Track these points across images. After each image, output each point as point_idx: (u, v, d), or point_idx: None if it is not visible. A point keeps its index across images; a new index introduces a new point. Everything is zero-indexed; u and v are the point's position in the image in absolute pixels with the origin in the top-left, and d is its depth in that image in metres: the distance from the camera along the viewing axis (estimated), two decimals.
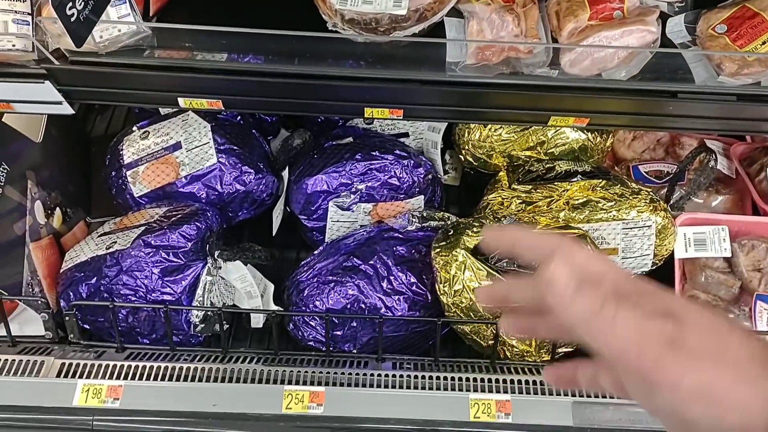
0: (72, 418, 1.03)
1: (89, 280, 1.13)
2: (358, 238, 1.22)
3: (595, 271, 0.45)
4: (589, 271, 0.45)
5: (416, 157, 1.30)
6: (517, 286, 0.53)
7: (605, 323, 0.42)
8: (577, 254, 0.46)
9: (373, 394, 1.06)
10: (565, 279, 0.44)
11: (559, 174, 1.27)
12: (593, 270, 0.45)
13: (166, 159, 1.28)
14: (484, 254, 1.08)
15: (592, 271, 0.45)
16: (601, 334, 0.42)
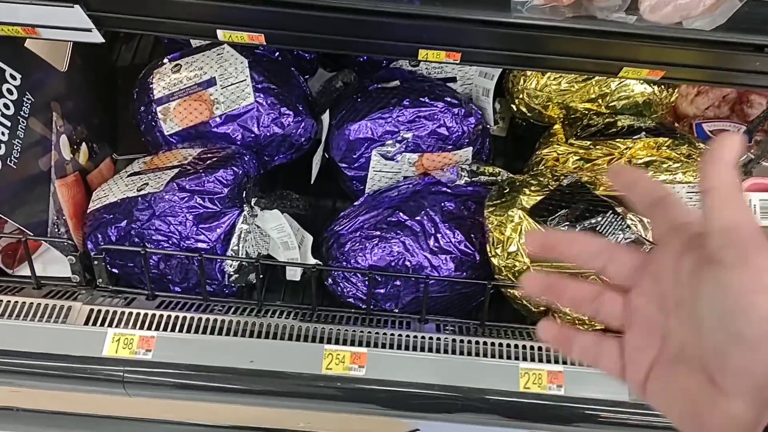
0: (102, 368, 0.98)
1: (119, 223, 1.07)
2: (402, 191, 1.14)
3: None
4: None
5: (467, 106, 1.21)
6: (579, 240, 0.52)
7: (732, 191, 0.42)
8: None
9: (417, 358, 1.01)
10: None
11: (621, 130, 1.18)
12: None
13: (199, 96, 1.20)
14: (543, 215, 1.00)
15: None
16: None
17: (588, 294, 0.51)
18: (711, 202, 0.42)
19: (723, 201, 0.42)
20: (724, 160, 0.43)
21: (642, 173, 0.51)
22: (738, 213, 0.42)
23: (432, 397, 0.99)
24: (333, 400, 1.00)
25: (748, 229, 0.41)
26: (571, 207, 1.00)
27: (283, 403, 1.02)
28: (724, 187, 0.42)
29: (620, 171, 0.52)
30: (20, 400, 1.22)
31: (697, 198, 1.14)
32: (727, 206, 0.42)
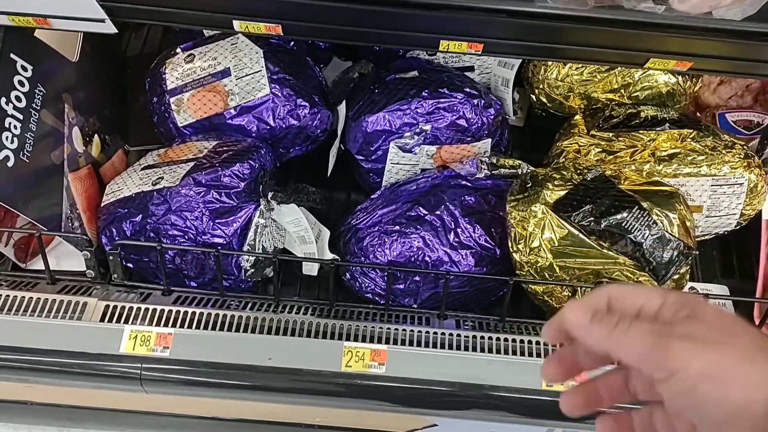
0: (119, 365, 0.97)
1: (134, 218, 1.05)
2: (421, 184, 1.12)
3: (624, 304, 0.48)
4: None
5: (486, 96, 1.18)
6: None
7: (621, 335, 0.45)
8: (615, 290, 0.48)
9: (437, 355, 0.99)
10: (581, 310, 0.47)
11: (644, 121, 1.15)
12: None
13: (213, 87, 1.17)
14: (567, 210, 0.98)
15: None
16: (620, 345, 0.45)
17: (616, 382, 0.52)
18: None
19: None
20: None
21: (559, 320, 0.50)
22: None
23: (452, 394, 0.98)
24: (352, 398, 0.98)
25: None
26: (596, 202, 0.97)
27: (303, 400, 1.01)
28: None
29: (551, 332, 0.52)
30: (34, 395, 1.21)
31: (722, 191, 1.12)
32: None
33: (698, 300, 0.45)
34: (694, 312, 0.44)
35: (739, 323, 0.44)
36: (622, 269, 0.98)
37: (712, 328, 0.43)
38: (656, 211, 0.97)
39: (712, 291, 1.21)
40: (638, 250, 0.96)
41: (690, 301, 0.45)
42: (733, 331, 0.43)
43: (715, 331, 0.43)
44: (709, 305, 0.45)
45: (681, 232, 0.99)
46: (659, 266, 0.97)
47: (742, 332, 0.43)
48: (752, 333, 0.43)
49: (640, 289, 0.48)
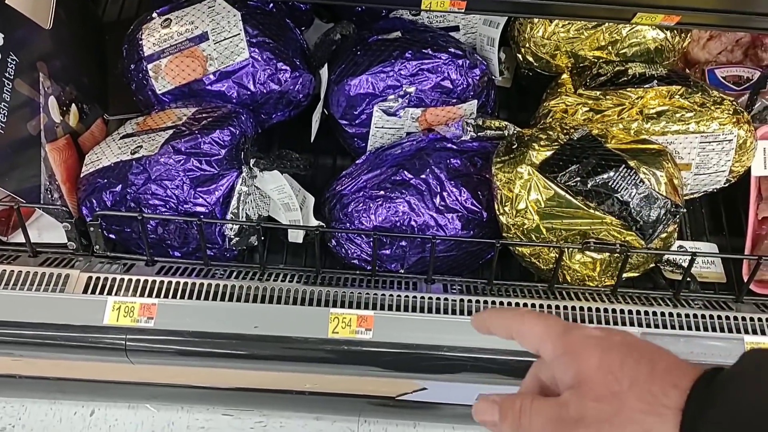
0: (103, 337, 0.96)
1: (113, 188, 1.03)
2: (406, 148, 1.10)
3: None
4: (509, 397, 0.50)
5: (472, 56, 1.16)
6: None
7: (513, 427, 0.48)
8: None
9: (424, 320, 0.99)
10: (488, 409, 0.50)
11: (632, 78, 1.13)
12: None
13: (191, 52, 1.14)
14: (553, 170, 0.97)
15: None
16: None
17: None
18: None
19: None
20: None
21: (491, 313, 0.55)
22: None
23: (440, 358, 0.97)
24: (340, 364, 0.98)
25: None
26: (582, 162, 0.96)
27: (290, 367, 1.01)
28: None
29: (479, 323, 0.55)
30: (21, 368, 1.21)
31: (710, 149, 1.11)
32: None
33: (581, 347, 0.47)
34: (579, 373, 0.46)
35: (624, 375, 0.44)
36: (608, 229, 0.97)
37: (600, 400, 0.44)
38: (643, 170, 0.96)
39: (700, 249, 1.21)
40: (625, 209, 0.95)
41: (573, 350, 0.47)
42: (618, 397, 0.44)
43: (603, 403, 0.44)
44: (591, 351, 0.46)
45: (668, 191, 0.97)
46: (646, 225, 0.96)
47: (627, 392, 0.44)
48: (636, 384, 0.44)
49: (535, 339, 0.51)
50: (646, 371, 0.44)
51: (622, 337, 0.48)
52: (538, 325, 0.50)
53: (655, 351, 0.46)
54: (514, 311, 0.53)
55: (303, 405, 1.37)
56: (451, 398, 1.22)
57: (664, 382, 0.43)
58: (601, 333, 0.48)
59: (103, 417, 1.51)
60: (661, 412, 0.42)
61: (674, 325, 0.99)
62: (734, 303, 1.05)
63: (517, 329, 0.52)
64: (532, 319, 0.51)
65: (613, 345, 0.47)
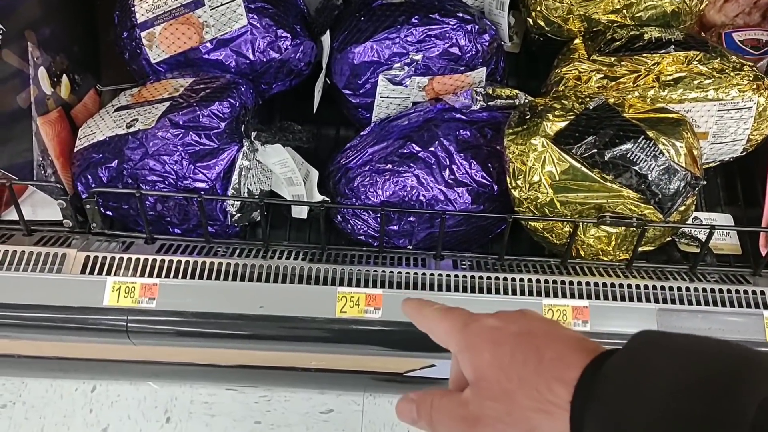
0: (104, 318, 0.93)
1: (109, 163, 0.99)
2: (413, 119, 1.06)
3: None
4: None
5: (481, 21, 1.10)
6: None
7: (437, 427, 0.48)
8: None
9: (434, 297, 0.95)
10: (406, 408, 0.51)
11: (648, 43, 1.08)
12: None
13: (186, 18, 1.09)
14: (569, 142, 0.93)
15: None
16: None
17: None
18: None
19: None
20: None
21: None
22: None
23: None
24: (348, 344, 0.95)
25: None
26: (599, 133, 0.92)
27: (297, 347, 0.98)
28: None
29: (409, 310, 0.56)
30: (20, 348, 1.18)
31: (729, 116, 1.07)
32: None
33: (476, 342, 0.47)
34: (475, 370, 0.46)
35: (513, 372, 0.44)
36: (626, 203, 0.94)
37: (494, 399, 0.45)
38: (663, 140, 0.92)
39: (715, 220, 1.17)
40: (644, 182, 0.91)
41: (470, 345, 0.47)
42: (509, 395, 0.44)
43: (496, 402, 0.44)
44: (485, 345, 0.47)
45: (688, 162, 0.94)
46: (665, 198, 0.92)
47: (516, 389, 0.44)
48: (524, 380, 0.43)
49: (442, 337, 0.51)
50: (533, 365, 0.43)
51: (518, 325, 0.47)
52: (443, 321, 0.51)
53: (546, 339, 0.45)
54: (419, 308, 0.54)
55: (308, 381, 1.35)
56: None
57: (549, 376, 0.42)
58: (496, 323, 0.48)
59: (104, 393, 1.50)
60: (548, 409, 0.42)
61: (691, 301, 0.96)
62: (752, 276, 1.03)
63: (426, 326, 0.53)
64: (436, 317, 0.52)
65: (506, 337, 0.46)
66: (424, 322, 0.53)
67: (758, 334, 0.93)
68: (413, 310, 0.55)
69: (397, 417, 0.51)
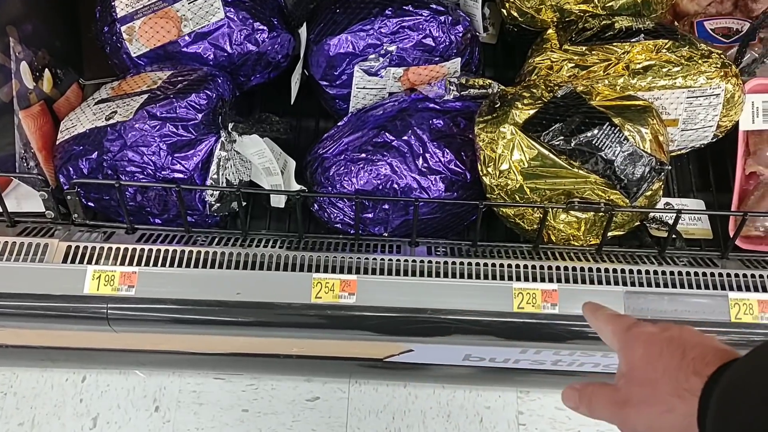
0: (85, 306, 0.95)
1: (89, 155, 1.01)
2: (388, 108, 1.08)
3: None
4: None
5: (454, 12, 1.12)
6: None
7: (593, 412, 0.58)
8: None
9: (408, 283, 0.98)
10: (571, 396, 0.60)
11: (618, 32, 1.10)
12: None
13: (165, 12, 1.11)
14: (536, 130, 0.95)
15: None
16: (597, 418, 0.58)
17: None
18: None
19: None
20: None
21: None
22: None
23: (424, 321, 0.97)
24: (324, 329, 0.98)
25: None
26: (566, 120, 0.94)
27: (274, 333, 1.00)
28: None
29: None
30: (8, 338, 1.21)
31: (698, 103, 1.09)
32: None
33: (633, 342, 0.57)
34: (629, 363, 0.56)
35: (660, 365, 0.53)
36: (593, 188, 0.96)
37: (641, 385, 0.54)
38: (628, 127, 0.94)
39: (687, 206, 1.20)
40: (609, 167, 0.94)
41: (627, 344, 0.57)
42: (653, 382, 0.53)
43: (642, 387, 0.53)
44: (640, 344, 0.56)
45: (654, 148, 0.96)
46: (630, 183, 0.95)
47: (660, 379, 0.52)
48: (668, 372, 0.52)
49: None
50: (677, 362, 0.52)
51: (671, 332, 0.55)
52: (610, 324, 0.61)
53: (693, 344, 0.53)
54: (594, 311, 0.64)
55: (293, 368, 1.38)
56: (438, 359, 1.22)
57: (688, 371, 0.51)
58: (654, 329, 0.57)
59: (94, 383, 1.53)
60: (683, 395, 0.50)
61: (658, 283, 0.99)
62: (719, 260, 1.05)
63: (597, 327, 0.63)
64: (606, 320, 0.62)
65: (659, 340, 0.55)
66: (595, 324, 0.64)
67: (723, 315, 0.96)
68: (590, 312, 0.65)
69: (563, 402, 0.60)
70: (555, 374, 1.23)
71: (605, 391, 0.57)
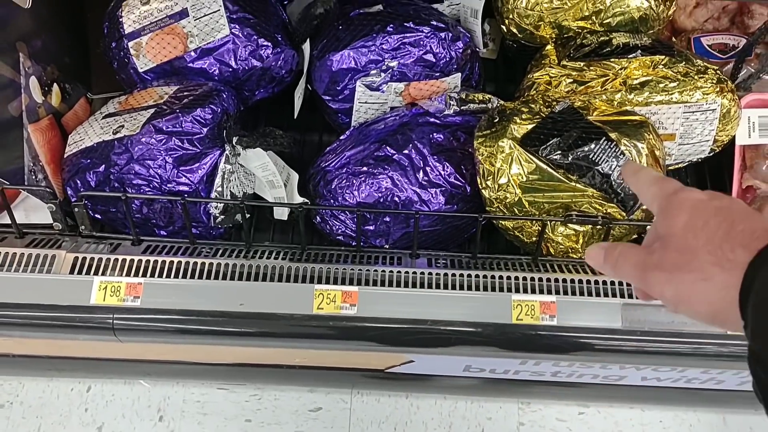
0: (91, 316, 0.97)
1: (97, 168, 1.03)
2: (389, 123, 1.10)
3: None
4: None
5: (454, 29, 1.15)
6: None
7: (619, 271, 0.55)
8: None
9: (408, 294, 1.00)
10: (596, 254, 0.58)
11: (616, 49, 1.12)
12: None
13: (171, 29, 1.14)
14: (534, 144, 0.97)
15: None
16: (622, 278, 0.56)
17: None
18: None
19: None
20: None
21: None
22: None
23: (424, 332, 0.98)
24: (325, 339, 0.99)
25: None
26: (563, 135, 0.96)
27: (276, 343, 1.02)
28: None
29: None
30: (15, 347, 1.23)
31: (694, 118, 1.11)
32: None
33: (677, 207, 0.52)
34: (668, 228, 0.52)
35: (703, 233, 0.49)
36: (591, 202, 0.98)
37: (678, 251, 0.50)
38: (624, 142, 0.96)
39: None
40: (606, 181, 0.95)
41: (670, 209, 0.53)
42: (692, 250, 0.49)
43: (679, 254, 0.50)
44: (684, 211, 0.52)
45: (650, 162, 0.98)
46: (627, 197, 0.96)
47: (701, 247, 0.49)
48: (711, 241, 0.49)
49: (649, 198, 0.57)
50: (723, 231, 0.49)
51: (720, 201, 0.51)
52: (654, 185, 0.56)
53: (742, 216, 0.50)
54: (636, 171, 0.60)
55: (296, 378, 1.39)
56: (438, 370, 1.23)
57: (735, 242, 0.48)
58: (702, 196, 0.53)
59: (99, 393, 1.54)
60: (725, 266, 0.47)
61: None
62: None
63: (637, 187, 0.59)
64: (648, 180, 0.57)
65: (705, 208, 0.51)
66: (636, 185, 0.59)
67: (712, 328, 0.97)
68: (630, 172, 0.60)
69: (585, 258, 0.59)
70: (555, 385, 1.24)
71: (636, 252, 0.54)
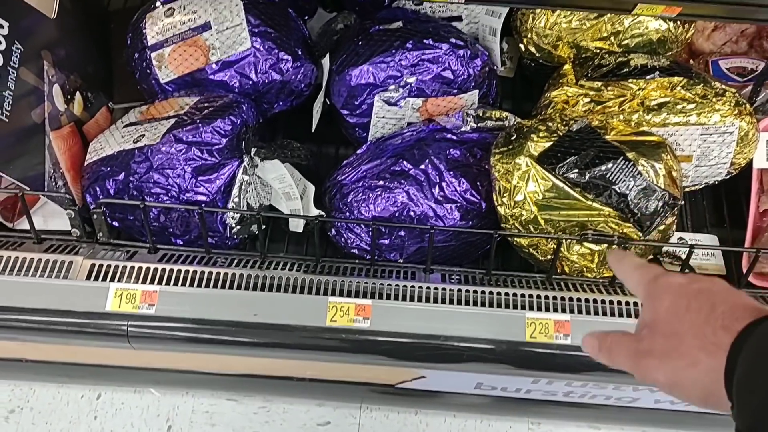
0: (105, 323, 0.98)
1: (116, 176, 1.04)
2: (406, 138, 1.11)
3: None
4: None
5: (473, 47, 1.16)
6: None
7: (615, 360, 0.57)
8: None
9: (422, 309, 0.99)
10: (590, 344, 0.60)
11: (634, 69, 1.13)
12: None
13: (194, 41, 1.15)
14: (551, 162, 0.97)
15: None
16: (617, 366, 0.57)
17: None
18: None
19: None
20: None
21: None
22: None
23: (437, 347, 0.98)
24: (338, 352, 0.99)
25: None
26: (580, 154, 0.96)
27: (288, 355, 1.02)
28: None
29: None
30: (27, 352, 1.23)
31: (711, 140, 1.11)
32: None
33: (660, 293, 0.55)
34: (654, 314, 0.54)
35: (686, 318, 0.51)
36: (607, 221, 0.98)
37: (665, 337, 0.52)
38: (642, 162, 0.96)
39: (700, 241, 1.21)
40: (623, 201, 0.95)
41: (654, 295, 0.55)
42: (678, 335, 0.51)
43: (666, 339, 0.52)
44: (666, 296, 0.54)
45: (667, 183, 0.97)
46: (644, 217, 0.96)
47: (686, 332, 0.51)
48: (695, 325, 0.50)
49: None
50: (705, 315, 0.50)
51: (700, 284, 0.53)
52: (636, 272, 0.59)
53: (722, 298, 0.51)
54: (620, 258, 0.63)
55: (305, 391, 1.39)
56: (450, 386, 1.23)
57: (717, 325, 0.49)
58: (683, 280, 0.55)
59: (109, 401, 1.54)
60: (710, 349, 0.49)
61: None
62: None
63: (622, 275, 0.62)
64: (631, 268, 0.60)
65: (685, 291, 0.53)
66: (621, 272, 0.62)
67: None
68: (616, 260, 0.63)
69: (582, 347, 0.61)
70: (566, 406, 1.23)
71: (627, 340, 0.56)
